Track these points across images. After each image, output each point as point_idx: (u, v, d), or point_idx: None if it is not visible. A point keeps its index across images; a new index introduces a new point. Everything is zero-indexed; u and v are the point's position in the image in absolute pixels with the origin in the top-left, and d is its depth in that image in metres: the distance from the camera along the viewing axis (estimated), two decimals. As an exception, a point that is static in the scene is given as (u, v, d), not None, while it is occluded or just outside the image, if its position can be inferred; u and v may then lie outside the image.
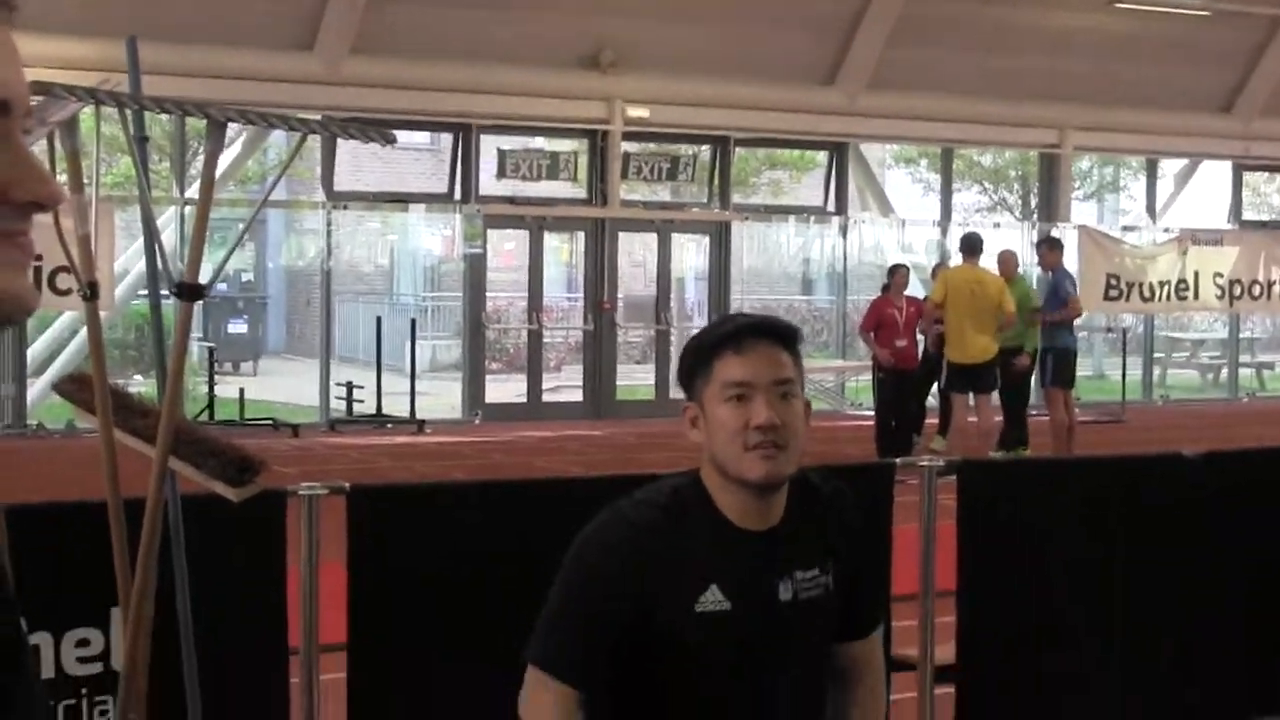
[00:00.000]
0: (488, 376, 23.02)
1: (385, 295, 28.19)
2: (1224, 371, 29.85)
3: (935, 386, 18.68)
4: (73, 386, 4.73)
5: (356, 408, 21.49)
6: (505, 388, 23.58)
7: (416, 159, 25.68)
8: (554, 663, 3.56)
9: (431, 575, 6.07)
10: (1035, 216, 27.38)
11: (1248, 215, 29.08)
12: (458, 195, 22.57)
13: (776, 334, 3.60)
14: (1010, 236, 24.14)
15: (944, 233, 25.52)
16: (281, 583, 5.80)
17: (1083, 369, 23.29)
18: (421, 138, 25.05)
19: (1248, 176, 29.29)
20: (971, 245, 17.43)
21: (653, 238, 23.88)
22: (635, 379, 24.41)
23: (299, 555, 5.89)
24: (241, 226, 22.61)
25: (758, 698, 3.58)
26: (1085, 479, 7.86)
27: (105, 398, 4.27)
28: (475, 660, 6.06)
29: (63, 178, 4.36)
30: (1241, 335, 29.69)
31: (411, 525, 6.13)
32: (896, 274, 18.41)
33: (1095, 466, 8.70)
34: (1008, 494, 7.44)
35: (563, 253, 24.83)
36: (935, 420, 18.82)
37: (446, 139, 22.90)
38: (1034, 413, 18.58)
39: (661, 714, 3.60)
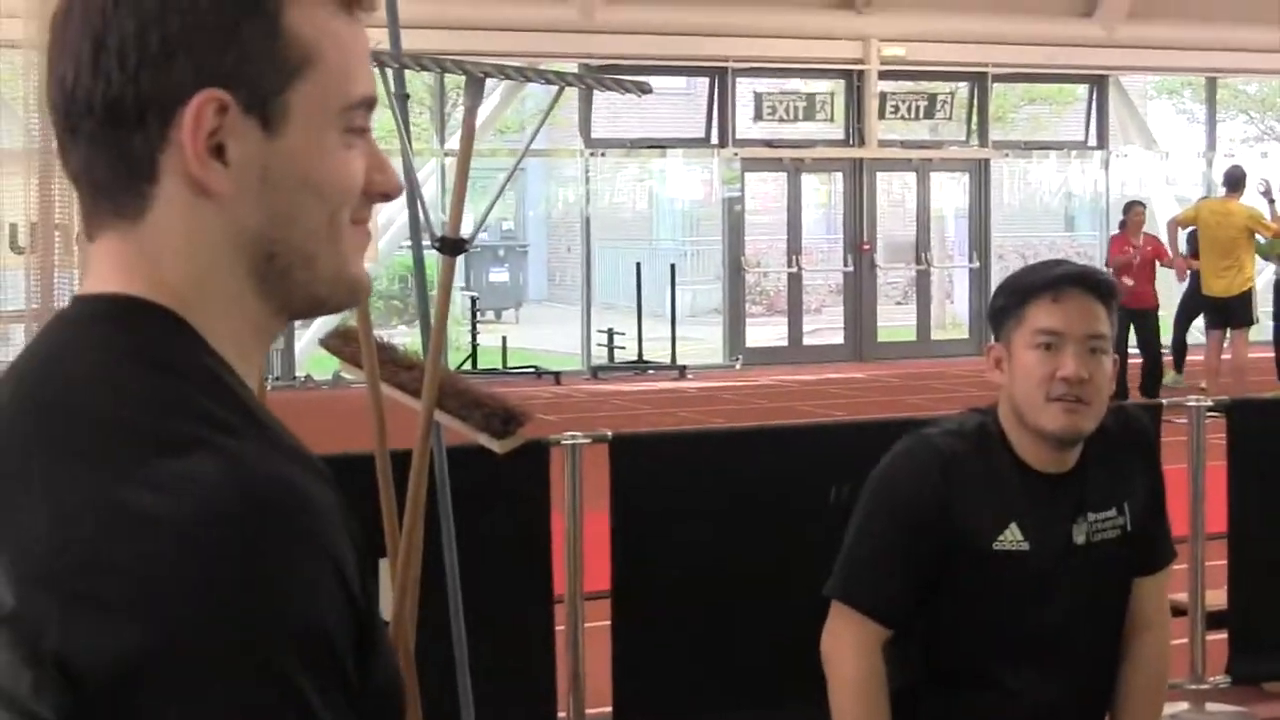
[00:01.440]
0: (748, 320, 23.00)
1: (644, 241, 28.24)
2: None
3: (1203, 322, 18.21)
4: (338, 341, 4.80)
5: (618, 354, 21.61)
6: (766, 331, 23.54)
7: (673, 104, 25.68)
8: (859, 596, 3.55)
9: (694, 522, 6.09)
10: (1306, 145, 26.61)
11: None
12: (715, 139, 22.56)
13: (1096, 287, 3.57)
14: (1280, 166, 23.45)
15: (1209, 164, 24.92)
16: (546, 532, 5.87)
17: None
18: (678, 82, 25.04)
19: None
20: (1233, 180, 16.93)
21: (911, 177, 23.67)
22: (896, 320, 24.22)
23: (563, 504, 5.95)
24: (502, 177, 22.84)
25: (1051, 639, 3.55)
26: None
27: (372, 353, 4.33)
28: (738, 606, 6.08)
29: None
30: None
31: (674, 472, 6.16)
32: (1132, 211, 17.84)
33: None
34: (1278, 432, 7.27)
35: (821, 194, 24.68)
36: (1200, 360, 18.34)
37: (702, 83, 22.89)
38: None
39: (955, 652, 3.58)
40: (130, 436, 1.33)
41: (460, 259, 4.49)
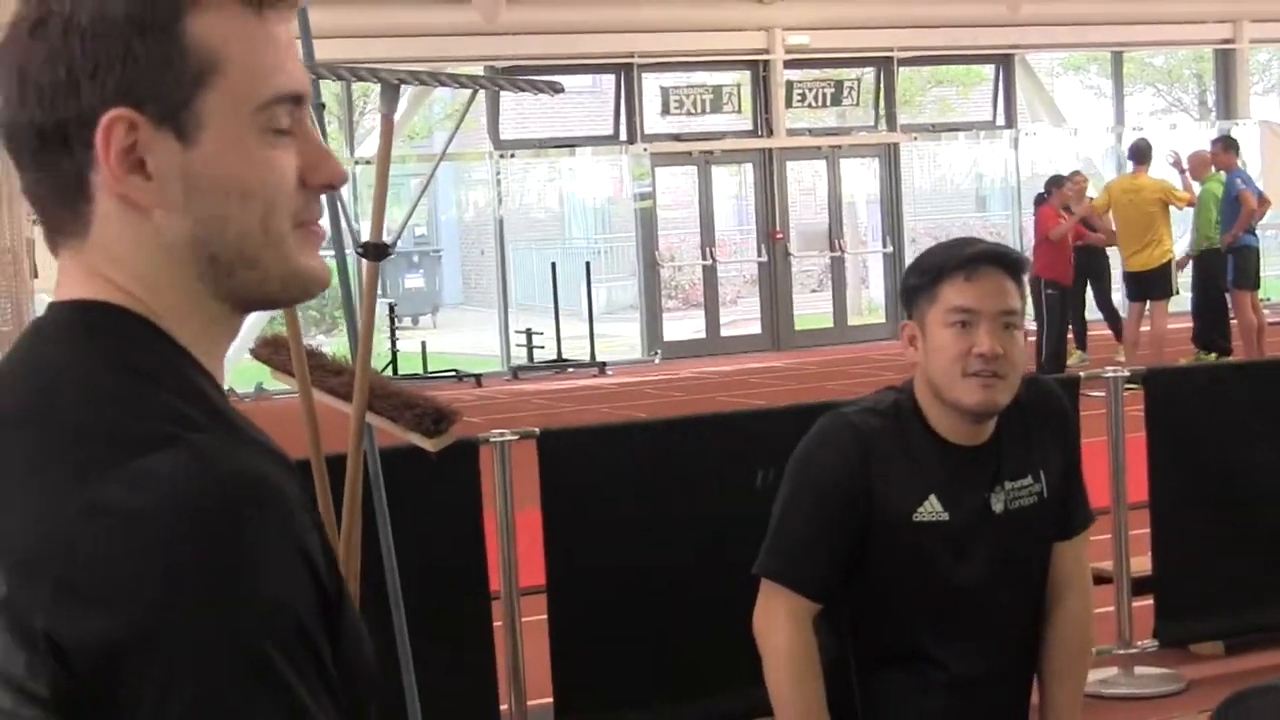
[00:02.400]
0: (665, 314, 23.05)
1: (558, 240, 28.30)
2: None
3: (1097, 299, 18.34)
4: (268, 350, 4.84)
5: (537, 354, 21.63)
6: (683, 325, 23.61)
7: (580, 102, 25.71)
8: (786, 573, 3.63)
9: (624, 513, 6.15)
10: (1214, 115, 26.83)
11: None
12: (623, 136, 22.61)
13: (1007, 264, 3.66)
14: (1189, 137, 23.64)
15: (1118, 139, 25.12)
16: (480, 529, 5.92)
17: (1272, 268, 22.75)
18: (584, 80, 25.05)
19: None
20: (1139, 152, 17.08)
21: (821, 164, 23.77)
22: (812, 307, 24.33)
23: (494, 501, 6.01)
24: (414, 182, 22.81)
25: (974, 607, 3.64)
26: (1276, 381, 7.77)
27: (302, 359, 4.37)
28: (670, 592, 6.15)
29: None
30: None
31: (602, 465, 6.22)
32: (1075, 177, 17.72)
33: (1284, 366, 8.59)
34: (1196, 401, 7.37)
35: (732, 186, 24.77)
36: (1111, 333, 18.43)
37: (609, 80, 22.91)
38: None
39: (882, 623, 3.66)
40: (106, 437, 1.40)
41: (377, 267, 4.52)
